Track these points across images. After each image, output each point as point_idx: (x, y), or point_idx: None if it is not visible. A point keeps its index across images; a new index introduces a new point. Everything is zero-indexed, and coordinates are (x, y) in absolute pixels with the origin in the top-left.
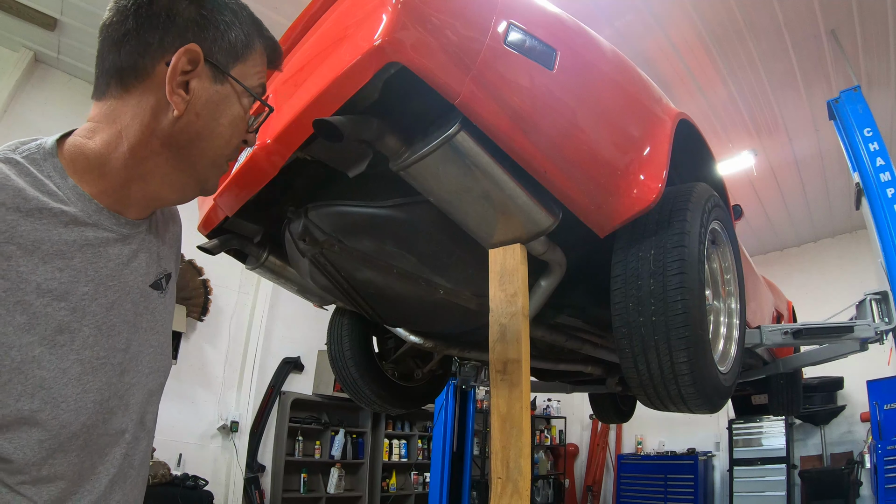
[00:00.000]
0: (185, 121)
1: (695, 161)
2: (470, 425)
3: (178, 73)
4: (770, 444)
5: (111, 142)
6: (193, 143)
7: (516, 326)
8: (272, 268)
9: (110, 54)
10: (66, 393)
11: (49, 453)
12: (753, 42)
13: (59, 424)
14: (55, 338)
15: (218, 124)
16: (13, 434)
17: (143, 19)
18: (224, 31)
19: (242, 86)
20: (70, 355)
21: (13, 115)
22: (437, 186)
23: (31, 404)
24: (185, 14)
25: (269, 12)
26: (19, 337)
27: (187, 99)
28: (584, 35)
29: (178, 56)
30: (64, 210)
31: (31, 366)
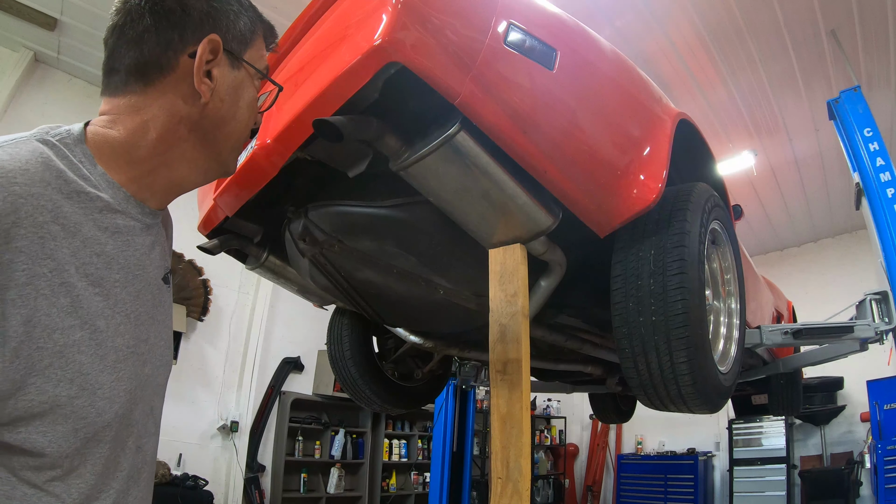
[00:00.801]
0: (212, 106)
1: (695, 161)
2: (470, 425)
3: (203, 63)
4: (770, 444)
5: (137, 131)
6: (219, 127)
7: (516, 326)
8: (272, 268)
9: (129, 52)
10: (102, 380)
11: (83, 443)
12: (753, 42)
13: (96, 412)
14: (94, 322)
15: (239, 107)
16: (47, 426)
17: (159, 17)
18: (234, 20)
19: (255, 69)
20: (107, 342)
21: (13, 115)
22: (437, 186)
23: (69, 390)
24: (198, 7)
25: (269, 12)
26: (62, 319)
27: (212, 86)
28: (584, 35)
29: (203, 47)
30: (98, 195)
31: (72, 350)
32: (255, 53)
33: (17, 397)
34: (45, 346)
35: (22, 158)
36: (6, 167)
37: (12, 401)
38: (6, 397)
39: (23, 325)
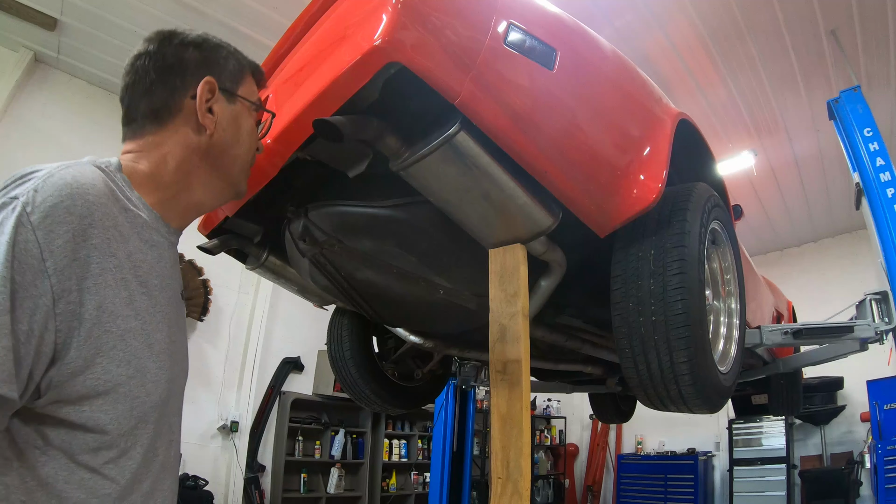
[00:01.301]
0: (217, 136)
1: (695, 161)
2: (470, 425)
3: (203, 101)
4: (770, 444)
5: (159, 163)
6: (225, 153)
7: (516, 326)
8: (272, 268)
9: (142, 102)
10: (150, 366)
11: (136, 422)
12: (753, 42)
13: (145, 393)
14: (144, 316)
15: (240, 135)
16: (109, 404)
17: (161, 71)
18: (223, 63)
19: (249, 101)
20: (153, 334)
21: (13, 115)
22: (437, 186)
23: (127, 370)
24: (192, 58)
25: (269, 12)
26: (123, 308)
27: (215, 120)
28: (584, 35)
29: (201, 88)
30: (138, 213)
31: (129, 336)
32: (247, 89)
33: (86, 374)
34: (111, 329)
35: (89, 176)
36: (80, 181)
37: (82, 377)
38: (78, 373)
39: (95, 309)
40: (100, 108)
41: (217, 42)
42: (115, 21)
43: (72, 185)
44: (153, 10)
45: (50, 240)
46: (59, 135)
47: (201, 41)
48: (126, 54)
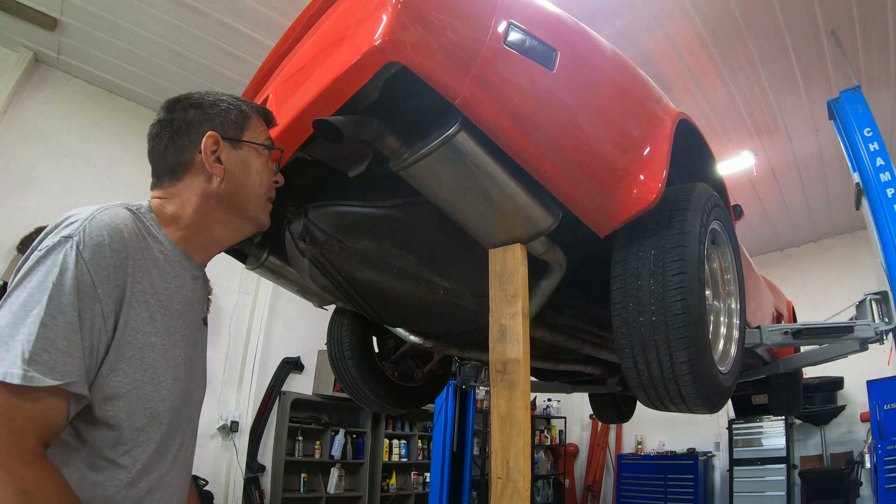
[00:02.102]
0: (227, 181)
1: (695, 161)
2: (470, 425)
3: (209, 153)
4: (770, 444)
5: (179, 208)
6: (238, 194)
7: (516, 326)
8: (272, 268)
9: (161, 162)
10: (165, 375)
11: (148, 420)
12: (753, 42)
13: (159, 398)
14: (162, 333)
15: (249, 176)
16: (126, 404)
17: (171, 134)
18: (224, 115)
19: (252, 143)
20: (170, 350)
21: (13, 115)
22: (437, 186)
23: (143, 377)
24: (195, 117)
25: (269, 12)
26: (144, 325)
27: (222, 168)
28: (584, 35)
29: (204, 142)
30: (163, 248)
31: (148, 349)
32: (253, 132)
33: (110, 377)
34: (132, 342)
35: (122, 217)
36: (116, 222)
37: (107, 379)
38: (104, 376)
39: (123, 325)
40: (100, 108)
41: (217, 97)
42: (115, 21)
43: (110, 226)
44: (153, 10)
45: (98, 271)
46: (59, 135)
47: (201, 100)
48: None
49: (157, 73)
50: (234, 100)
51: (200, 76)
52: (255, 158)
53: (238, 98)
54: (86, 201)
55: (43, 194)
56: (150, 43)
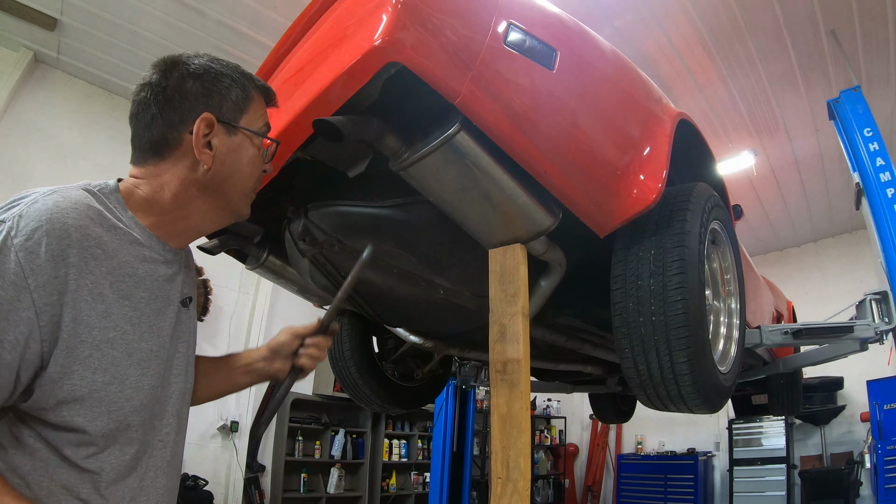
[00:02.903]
0: (215, 170)
1: (695, 161)
2: (470, 425)
3: (200, 137)
4: (770, 444)
5: (156, 192)
6: (224, 184)
7: (516, 326)
8: (272, 268)
9: (145, 134)
10: (130, 373)
11: (116, 425)
12: (753, 42)
13: (125, 398)
14: (123, 327)
15: (240, 165)
16: (86, 409)
17: (161, 105)
18: (225, 94)
19: (250, 131)
20: (133, 343)
21: (13, 115)
22: (437, 186)
23: (103, 377)
24: (192, 90)
25: (269, 12)
26: (99, 321)
27: (212, 154)
28: (583, 35)
29: (198, 125)
30: (129, 232)
31: (106, 346)
32: (252, 115)
33: (64, 381)
34: (86, 340)
35: (72, 199)
36: (61, 206)
37: (59, 384)
38: (55, 380)
39: (71, 322)
40: (99, 107)
41: (219, 70)
42: (115, 21)
43: (52, 210)
44: (153, 10)
45: (30, 260)
46: (59, 134)
47: (203, 71)
48: (126, 54)
49: None
50: (238, 75)
51: None
52: (250, 146)
53: (242, 72)
54: None
55: None
56: (150, 43)
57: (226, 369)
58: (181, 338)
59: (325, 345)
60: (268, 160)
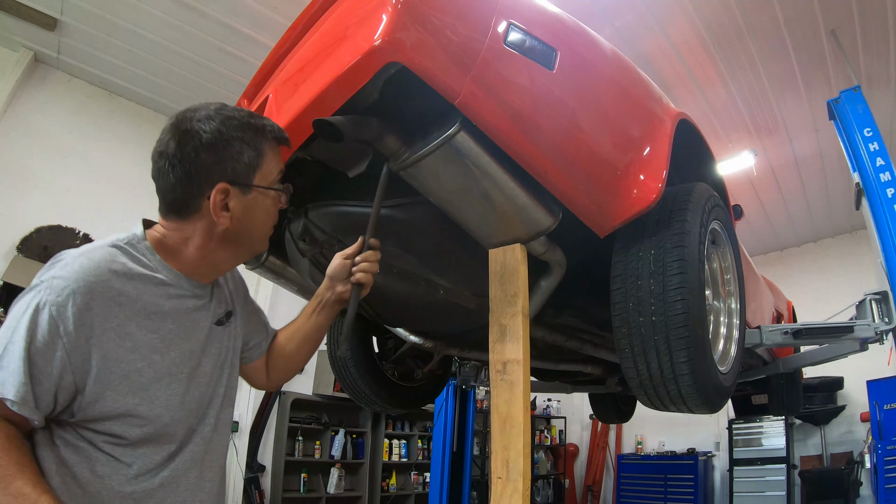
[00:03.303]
0: (233, 225)
1: (695, 161)
2: (470, 425)
3: (217, 205)
4: (770, 444)
5: (181, 243)
6: (242, 236)
7: (516, 326)
8: (272, 268)
9: (166, 196)
10: (158, 394)
11: (147, 434)
12: (753, 42)
13: (154, 415)
14: (151, 357)
15: (256, 218)
16: (120, 424)
17: (179, 176)
18: (238, 158)
19: (262, 187)
20: (161, 369)
21: (13, 115)
22: (437, 186)
23: (133, 400)
24: (206, 162)
25: (269, 12)
26: (126, 355)
27: (229, 216)
28: (584, 35)
29: (214, 195)
30: (155, 276)
31: (134, 374)
32: (266, 169)
33: (99, 403)
34: (115, 371)
35: (95, 260)
36: (86, 267)
37: (97, 405)
38: (92, 403)
39: (101, 359)
40: (100, 108)
41: (231, 135)
42: (115, 21)
43: (78, 272)
44: (153, 10)
45: (60, 313)
46: (59, 135)
47: (214, 140)
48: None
49: (157, 73)
50: (250, 134)
51: (200, 76)
52: (263, 200)
53: (254, 127)
54: (86, 201)
55: (43, 194)
56: (150, 43)
57: (303, 324)
58: (218, 353)
59: (373, 258)
60: (284, 203)
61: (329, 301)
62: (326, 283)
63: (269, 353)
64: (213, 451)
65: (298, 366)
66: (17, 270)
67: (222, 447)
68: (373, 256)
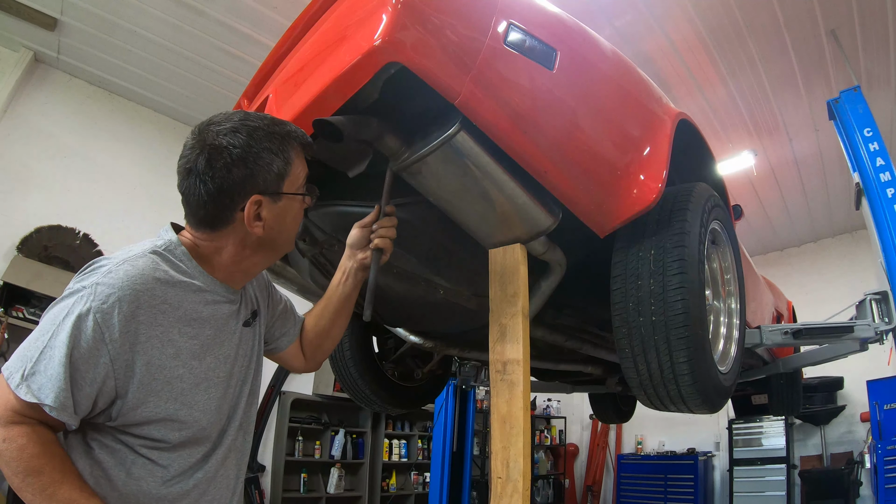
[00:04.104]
0: (266, 234)
1: (695, 161)
2: (470, 425)
3: (251, 216)
4: (770, 444)
5: (215, 252)
6: (275, 241)
7: (516, 326)
8: (272, 268)
9: (199, 211)
10: (197, 399)
11: (186, 438)
12: (753, 42)
13: (193, 420)
14: (191, 363)
15: (286, 223)
16: (163, 427)
17: (211, 192)
18: (267, 168)
19: (293, 194)
20: (200, 375)
21: (13, 115)
22: (438, 186)
23: (174, 406)
24: (238, 175)
25: (269, 12)
26: (169, 362)
27: (262, 224)
28: (584, 35)
29: (248, 207)
30: (194, 283)
31: (176, 381)
32: (294, 173)
33: (141, 408)
34: (158, 377)
35: (139, 268)
36: (131, 274)
37: (139, 410)
38: (134, 408)
39: (145, 365)
40: (100, 108)
41: (259, 147)
42: (115, 21)
43: (123, 280)
44: (153, 9)
45: (106, 321)
46: (59, 135)
47: (245, 154)
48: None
49: (157, 73)
50: (277, 143)
51: (200, 76)
52: (292, 206)
53: (280, 134)
54: (86, 201)
55: (43, 194)
56: (150, 43)
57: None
58: (246, 354)
59: (390, 223)
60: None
61: (352, 270)
62: (347, 252)
63: (302, 336)
64: (237, 449)
65: (334, 340)
66: (17, 270)
67: (247, 445)
68: (389, 222)
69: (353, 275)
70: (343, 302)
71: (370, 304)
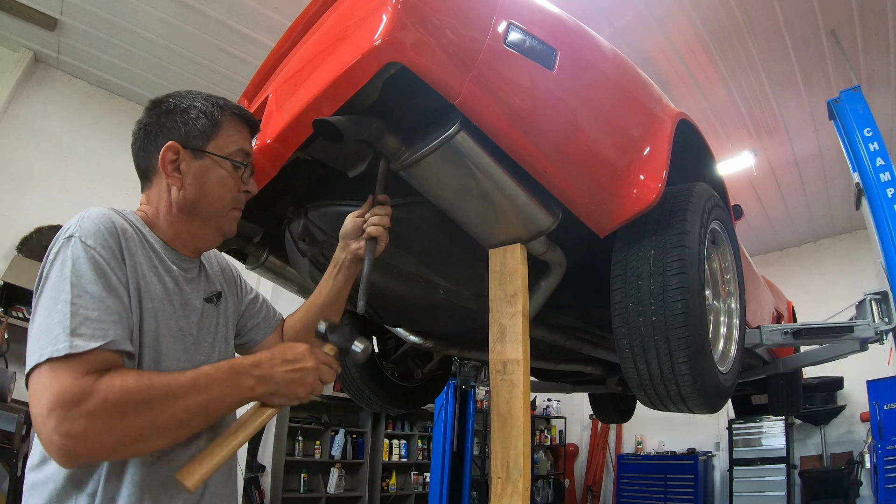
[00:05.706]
0: (185, 191)
1: (695, 161)
2: (470, 425)
3: (167, 162)
4: (770, 444)
5: (154, 214)
6: (196, 205)
7: (516, 326)
8: (272, 268)
9: (136, 164)
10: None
11: None
12: (753, 42)
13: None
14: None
15: (208, 187)
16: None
17: (142, 138)
18: (192, 124)
19: (214, 154)
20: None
21: (13, 115)
22: (437, 186)
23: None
24: (164, 125)
25: (269, 12)
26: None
27: (180, 177)
28: (584, 35)
29: (163, 153)
30: (153, 244)
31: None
32: (222, 140)
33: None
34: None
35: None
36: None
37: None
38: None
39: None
40: (100, 108)
41: (190, 103)
42: (115, 21)
43: (101, 216)
44: (153, 10)
45: (104, 249)
46: (59, 135)
47: (173, 107)
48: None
49: (157, 73)
50: (209, 105)
51: (200, 76)
52: (217, 169)
53: (216, 103)
54: (86, 201)
55: (43, 194)
56: (150, 43)
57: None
58: (208, 330)
59: (383, 212)
60: (246, 181)
61: (345, 261)
62: (341, 244)
63: (285, 332)
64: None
65: None
66: (17, 270)
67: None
68: (383, 211)
69: (346, 267)
70: (334, 296)
71: (364, 296)
